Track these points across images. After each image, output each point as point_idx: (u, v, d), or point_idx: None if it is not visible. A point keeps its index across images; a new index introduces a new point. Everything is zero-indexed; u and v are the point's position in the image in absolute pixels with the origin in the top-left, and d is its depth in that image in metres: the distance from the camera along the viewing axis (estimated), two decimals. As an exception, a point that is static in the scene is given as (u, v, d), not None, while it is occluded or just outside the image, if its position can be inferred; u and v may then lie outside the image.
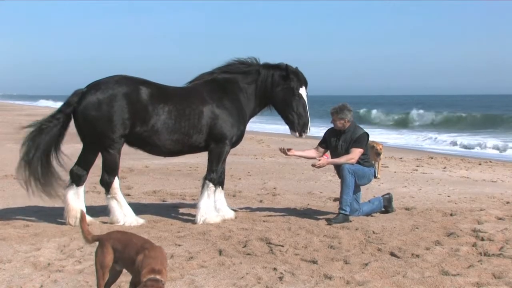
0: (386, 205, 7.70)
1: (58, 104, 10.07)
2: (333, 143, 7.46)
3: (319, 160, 7.40)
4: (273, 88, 7.14)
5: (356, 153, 7.21)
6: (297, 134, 7.25)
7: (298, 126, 7.17)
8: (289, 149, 7.33)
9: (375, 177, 7.86)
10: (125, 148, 6.96)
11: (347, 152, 7.28)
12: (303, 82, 7.20)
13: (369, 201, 7.77)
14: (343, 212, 7.09)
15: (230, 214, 7.18)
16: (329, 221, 7.00)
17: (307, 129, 7.18)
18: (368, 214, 7.54)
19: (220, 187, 7.21)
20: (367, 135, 7.41)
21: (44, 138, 6.62)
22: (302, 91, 7.18)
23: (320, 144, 7.66)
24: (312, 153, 7.64)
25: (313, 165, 7.38)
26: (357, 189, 7.40)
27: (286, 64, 7.19)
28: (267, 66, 7.26)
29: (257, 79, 7.17)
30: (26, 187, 6.65)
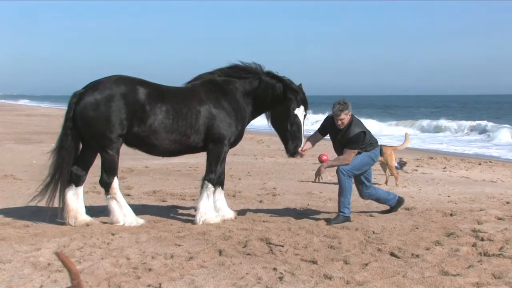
0: (395, 206, 7.64)
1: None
2: (333, 132, 7.30)
3: (319, 168, 7.24)
4: (272, 100, 7.08)
5: (349, 154, 7.09)
6: (289, 155, 7.18)
7: (291, 146, 7.10)
8: (302, 150, 7.24)
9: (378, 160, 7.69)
10: (125, 149, 6.97)
11: (344, 144, 7.14)
12: (301, 102, 7.07)
13: (387, 192, 7.71)
14: (342, 214, 7.09)
15: (230, 214, 7.17)
16: (329, 222, 7.00)
17: (298, 149, 7.08)
18: (379, 200, 7.50)
19: (220, 187, 7.21)
20: (364, 133, 7.20)
21: (68, 156, 6.74)
22: (299, 111, 7.05)
23: (320, 131, 7.50)
24: (315, 140, 7.50)
25: (316, 176, 7.25)
26: (364, 173, 7.31)
27: (290, 81, 7.09)
28: (271, 75, 7.15)
29: (258, 87, 7.09)
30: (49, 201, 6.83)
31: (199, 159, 11.97)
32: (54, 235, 6.23)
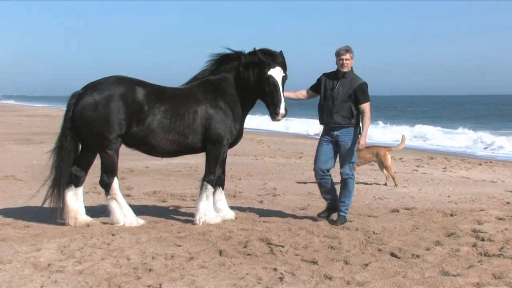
0: (333, 210, 7.31)
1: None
2: (329, 85, 7.13)
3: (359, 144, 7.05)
4: (257, 78, 6.93)
5: (368, 108, 7.00)
6: (271, 118, 6.95)
7: (271, 109, 6.88)
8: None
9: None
10: (126, 149, 6.97)
11: (342, 96, 6.99)
12: (278, 64, 6.89)
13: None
14: (343, 214, 7.10)
15: (231, 215, 7.17)
16: (335, 223, 6.95)
17: (279, 109, 6.80)
18: (337, 190, 7.33)
19: (221, 187, 7.21)
20: (367, 84, 7.11)
21: (68, 157, 6.74)
22: (275, 71, 6.85)
23: (312, 87, 7.39)
24: (302, 94, 7.42)
25: (358, 148, 7.06)
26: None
27: (255, 48, 6.97)
28: (249, 53, 7.05)
29: (240, 69, 6.99)
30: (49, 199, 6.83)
31: (200, 160, 11.97)
32: (54, 235, 6.23)
